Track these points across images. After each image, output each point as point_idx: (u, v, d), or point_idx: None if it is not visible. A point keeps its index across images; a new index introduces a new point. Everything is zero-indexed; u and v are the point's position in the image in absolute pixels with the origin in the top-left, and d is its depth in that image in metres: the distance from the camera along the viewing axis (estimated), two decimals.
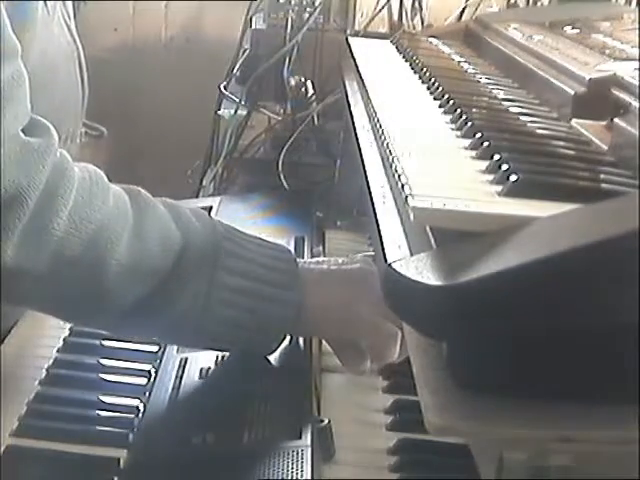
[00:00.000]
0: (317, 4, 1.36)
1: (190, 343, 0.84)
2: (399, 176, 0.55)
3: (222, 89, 1.43)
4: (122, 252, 0.71)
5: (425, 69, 0.93)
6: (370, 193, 0.63)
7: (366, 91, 0.85)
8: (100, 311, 0.74)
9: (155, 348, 0.90)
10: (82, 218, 0.69)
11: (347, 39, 1.17)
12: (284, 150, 1.34)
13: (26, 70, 0.70)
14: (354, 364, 0.83)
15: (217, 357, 0.86)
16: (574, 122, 0.72)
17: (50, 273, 0.69)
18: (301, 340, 0.88)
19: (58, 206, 0.67)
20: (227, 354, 0.85)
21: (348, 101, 0.92)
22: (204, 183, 1.44)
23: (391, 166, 0.60)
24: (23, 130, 0.67)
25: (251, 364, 0.85)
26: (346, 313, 0.81)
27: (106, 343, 0.91)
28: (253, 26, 1.42)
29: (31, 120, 0.69)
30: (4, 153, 0.64)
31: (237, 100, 1.39)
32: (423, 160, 0.60)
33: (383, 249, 0.53)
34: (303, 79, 1.39)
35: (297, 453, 0.71)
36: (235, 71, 1.43)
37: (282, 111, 1.38)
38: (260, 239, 0.82)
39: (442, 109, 0.77)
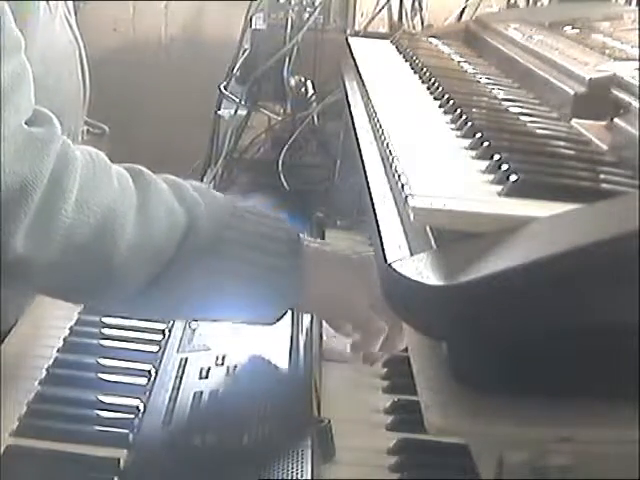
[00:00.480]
0: (317, 4, 1.36)
1: (195, 315, 0.85)
2: (399, 176, 0.55)
3: (222, 89, 1.43)
4: (130, 232, 0.72)
5: (425, 69, 0.93)
6: (370, 193, 0.63)
7: (366, 91, 0.85)
8: (111, 292, 0.75)
9: (155, 348, 0.90)
10: (89, 203, 0.69)
11: (347, 39, 1.17)
12: (284, 150, 1.34)
13: None
14: (345, 334, 0.85)
15: (217, 357, 0.86)
16: (574, 122, 0.72)
17: (61, 260, 0.69)
18: (301, 341, 0.88)
19: (65, 193, 0.68)
20: (227, 355, 0.85)
21: (348, 101, 0.92)
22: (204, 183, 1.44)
23: (391, 166, 0.60)
24: (25, 121, 0.67)
25: (251, 364, 0.85)
26: (341, 296, 0.82)
27: (106, 343, 0.91)
28: (253, 26, 1.42)
29: (33, 111, 0.69)
30: (8, 145, 0.64)
31: (237, 100, 1.39)
32: (423, 160, 0.60)
33: (383, 249, 0.53)
34: (303, 79, 1.39)
35: (297, 453, 0.71)
36: (235, 71, 1.43)
37: (282, 111, 1.38)
38: (262, 210, 0.83)
39: (442, 109, 0.77)
